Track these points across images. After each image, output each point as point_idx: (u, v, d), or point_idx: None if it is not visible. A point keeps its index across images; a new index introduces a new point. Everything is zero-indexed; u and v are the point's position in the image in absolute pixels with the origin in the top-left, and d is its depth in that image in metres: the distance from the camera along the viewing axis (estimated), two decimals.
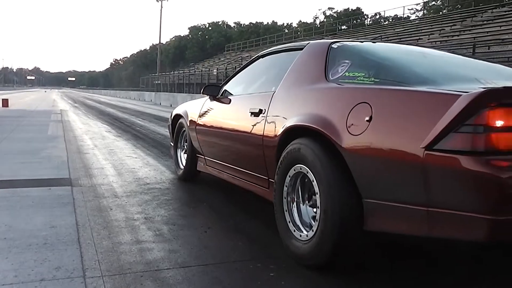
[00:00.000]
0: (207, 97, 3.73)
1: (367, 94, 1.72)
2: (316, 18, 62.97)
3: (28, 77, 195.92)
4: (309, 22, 66.37)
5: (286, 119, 2.18)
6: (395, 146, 1.40)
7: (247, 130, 2.56)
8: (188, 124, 3.91)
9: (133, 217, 3.52)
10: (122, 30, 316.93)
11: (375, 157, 1.48)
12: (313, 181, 1.97)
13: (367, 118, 1.62)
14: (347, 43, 2.44)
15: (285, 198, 2.17)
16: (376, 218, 1.60)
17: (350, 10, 60.67)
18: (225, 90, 3.57)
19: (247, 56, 42.19)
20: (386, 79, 1.77)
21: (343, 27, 51.06)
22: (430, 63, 2.17)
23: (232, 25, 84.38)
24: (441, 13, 40.27)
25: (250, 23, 78.32)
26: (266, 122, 2.35)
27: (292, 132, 2.15)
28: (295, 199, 2.15)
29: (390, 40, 25.55)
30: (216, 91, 3.70)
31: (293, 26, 73.04)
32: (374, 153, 1.50)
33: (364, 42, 2.48)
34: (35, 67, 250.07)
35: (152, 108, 21.20)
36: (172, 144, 4.63)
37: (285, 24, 74.46)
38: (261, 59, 3.24)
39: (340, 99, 1.82)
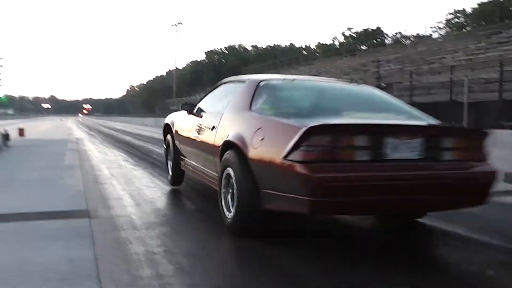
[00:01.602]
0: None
1: (263, 122, 2.81)
2: (335, 39, 63.65)
3: (44, 105, 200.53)
4: (327, 43, 67.13)
5: (226, 134, 3.23)
6: (272, 157, 2.40)
7: (206, 140, 3.68)
8: (174, 131, 5.14)
9: (153, 250, 3.53)
10: (138, 57, 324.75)
11: (264, 163, 2.50)
12: (231, 178, 3.09)
13: (261, 138, 2.67)
14: (269, 82, 3.44)
15: (222, 190, 3.29)
16: (268, 201, 2.62)
17: (369, 30, 60.99)
18: (199, 107, 4.63)
19: None
20: (279, 111, 2.81)
21: (363, 47, 51.17)
22: (318, 98, 3.25)
23: (249, 48, 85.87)
24: (464, 30, 40.12)
25: (268, 46, 79.60)
26: (216, 136, 3.38)
27: (227, 144, 3.23)
28: (227, 191, 3.28)
29: (413, 60, 25.39)
30: (192, 108, 4.82)
31: (311, 47, 73.99)
32: (263, 160, 2.51)
33: (284, 81, 3.51)
34: (51, 95, 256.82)
35: None
36: (165, 146, 5.89)
37: (303, 46, 75.55)
38: (222, 85, 4.35)
39: (251, 124, 2.86)
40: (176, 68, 58.06)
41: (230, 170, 3.30)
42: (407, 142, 2.69)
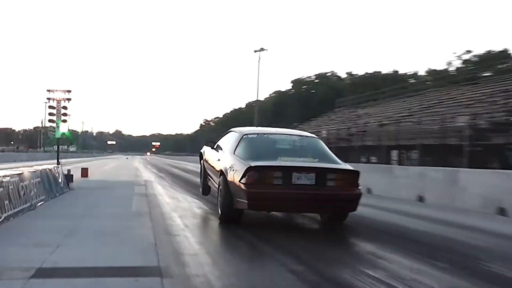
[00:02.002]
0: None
1: (235, 161, 7.72)
2: (449, 64, 61.66)
3: (109, 142, 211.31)
4: (440, 69, 65.00)
5: (222, 166, 8.04)
6: (235, 180, 7.15)
7: (215, 167, 8.52)
8: (204, 158, 10.28)
9: None
10: (214, 88, 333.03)
11: (233, 184, 7.29)
12: (220, 190, 8.18)
13: (233, 170, 7.57)
14: (248, 135, 8.61)
15: (218, 198, 8.20)
16: (236, 203, 7.31)
17: (493, 52, 58.44)
18: (217, 144, 9.54)
19: (365, 114, 42.25)
20: (243, 156, 7.75)
21: (486, 73, 48.82)
22: (270, 147, 8.28)
23: (343, 75, 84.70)
24: None
25: (366, 73, 78.00)
26: (219, 165, 8.23)
27: (220, 172, 8.08)
28: (220, 195, 8.15)
29: None
30: (213, 145, 9.90)
31: (420, 74, 71.88)
32: (233, 182, 7.28)
33: (257, 135, 8.82)
34: (116, 130, 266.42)
35: None
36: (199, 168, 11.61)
37: (409, 73, 73.42)
38: (229, 132, 9.49)
39: (230, 162, 7.69)
40: (258, 99, 58.32)
41: (221, 187, 8.24)
42: (306, 175, 7.22)
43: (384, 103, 46.39)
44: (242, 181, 7.98)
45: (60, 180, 13.29)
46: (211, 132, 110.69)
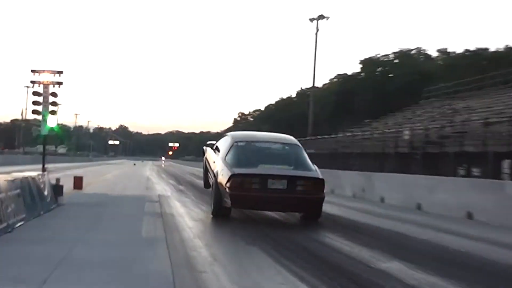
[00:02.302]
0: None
1: (223, 166, 14.58)
2: None
3: (111, 142, 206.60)
4: None
5: (215, 169, 15.02)
6: (222, 183, 13.83)
7: (212, 168, 15.43)
8: (205, 157, 17.72)
9: None
10: (253, 74, 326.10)
11: (221, 186, 13.98)
12: (212, 190, 15.36)
13: (221, 174, 14.43)
14: (238, 143, 15.43)
15: (212, 195, 15.23)
16: (224, 202, 13.87)
17: None
18: (216, 146, 16.64)
19: (465, 108, 41.38)
20: (230, 162, 14.48)
21: None
22: (254, 155, 15.03)
23: (434, 54, 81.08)
24: None
25: (466, 50, 74.38)
26: (215, 168, 15.10)
27: (213, 175, 15.40)
28: (212, 193, 15.20)
29: None
30: (213, 146, 17.08)
31: None
32: (221, 184, 13.95)
33: (246, 142, 15.63)
34: (121, 126, 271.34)
35: None
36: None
37: None
38: (226, 136, 16.97)
39: (220, 167, 14.60)
40: (314, 86, 55.74)
41: (213, 186, 15.07)
42: (279, 181, 13.68)
43: (492, 92, 45.01)
44: (227, 185, 13.86)
45: (46, 193, 13.35)
46: (251, 128, 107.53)
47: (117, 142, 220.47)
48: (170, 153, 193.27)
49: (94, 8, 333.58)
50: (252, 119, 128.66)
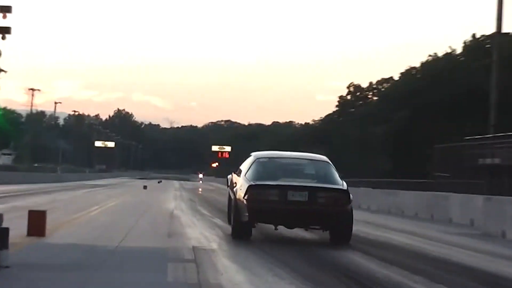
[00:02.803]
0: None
1: (242, 182, 16.86)
2: None
3: (98, 143, 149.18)
4: None
5: (235, 187, 17.55)
6: (240, 197, 16.36)
7: (234, 189, 17.64)
8: (230, 181, 19.39)
9: None
10: (369, 20, 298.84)
11: (239, 201, 16.44)
12: (232, 207, 18.16)
13: (240, 189, 16.72)
14: (260, 159, 17.79)
15: (232, 210, 17.69)
16: (243, 217, 16.17)
17: None
18: (239, 169, 18.46)
19: None
20: (250, 177, 16.57)
21: None
22: (275, 169, 17.26)
23: None
24: None
25: None
26: (235, 187, 17.65)
27: (233, 192, 18.10)
28: (232, 211, 17.80)
29: None
30: (236, 170, 19.14)
31: None
32: (239, 199, 16.50)
33: (269, 159, 18.17)
34: (119, 112, 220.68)
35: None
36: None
37: None
38: (250, 157, 18.68)
39: (240, 184, 17.02)
40: (499, 31, 36.97)
41: (233, 204, 17.28)
42: (299, 192, 15.66)
43: None
44: (245, 197, 15.60)
45: None
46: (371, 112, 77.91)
47: (111, 144, 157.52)
48: (215, 165, 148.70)
49: None
50: (375, 97, 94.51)
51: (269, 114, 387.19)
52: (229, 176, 19.21)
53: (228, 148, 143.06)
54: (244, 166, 17.47)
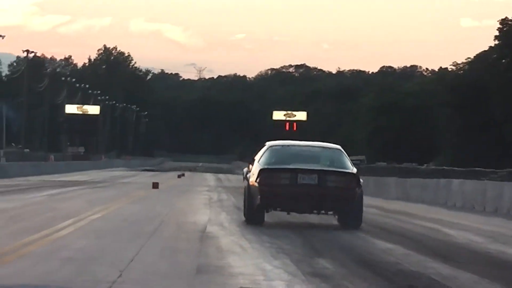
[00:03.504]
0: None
1: (254, 167, 30.07)
2: None
3: (70, 109, 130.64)
4: None
5: (248, 173, 30.41)
6: (252, 182, 28.35)
7: (248, 175, 30.50)
8: (247, 171, 32.32)
9: None
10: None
11: (252, 185, 28.66)
12: (245, 192, 30.18)
13: (250, 174, 28.99)
14: (273, 147, 30.42)
15: (245, 195, 29.61)
16: (255, 201, 28.30)
17: None
18: (253, 158, 31.35)
19: None
20: (262, 162, 28.93)
21: None
22: (287, 156, 29.44)
23: None
24: None
25: None
26: (248, 173, 30.53)
27: (247, 178, 30.86)
28: (245, 197, 29.77)
29: None
30: (251, 160, 32.58)
31: None
32: (251, 185, 28.67)
33: (282, 146, 30.74)
34: (106, 49, 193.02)
35: None
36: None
37: None
38: (264, 146, 31.71)
39: (253, 169, 28.99)
40: None
41: (246, 189, 28.96)
42: (309, 176, 26.72)
43: None
44: (257, 181, 23.03)
45: None
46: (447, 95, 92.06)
47: (93, 110, 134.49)
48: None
49: None
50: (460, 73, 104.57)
51: (373, 55, 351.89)
52: (245, 169, 27.12)
53: (301, 115, 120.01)
54: (258, 155, 25.65)
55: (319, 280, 16.08)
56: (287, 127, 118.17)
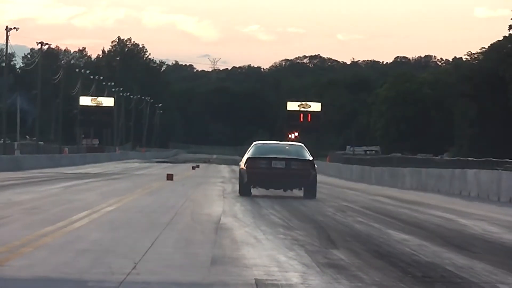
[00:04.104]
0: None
1: (244, 157, 54.05)
2: None
3: (83, 102, 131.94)
4: None
5: (241, 162, 51.90)
6: (242, 166, 48.98)
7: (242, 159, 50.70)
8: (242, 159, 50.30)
9: None
10: None
11: (242, 169, 49.90)
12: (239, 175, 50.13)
13: (242, 162, 51.15)
14: (257, 144, 52.73)
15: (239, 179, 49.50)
16: (244, 181, 49.70)
17: None
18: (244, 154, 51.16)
19: None
20: (249, 154, 50.65)
21: None
22: (266, 150, 52.16)
23: None
24: None
25: None
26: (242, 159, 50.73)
27: (239, 165, 53.11)
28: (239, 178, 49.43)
29: None
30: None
31: None
32: (242, 168, 50.00)
33: (262, 144, 52.85)
34: (120, 41, 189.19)
35: None
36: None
37: None
38: (252, 145, 52.47)
39: (243, 159, 52.84)
40: None
41: (238, 172, 50.83)
42: (280, 161, 47.67)
43: None
44: (245, 165, 38.62)
45: None
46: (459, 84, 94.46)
47: (107, 102, 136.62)
48: (293, 135, 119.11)
49: None
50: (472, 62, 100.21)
51: (387, 45, 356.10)
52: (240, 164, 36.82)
53: (316, 105, 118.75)
54: (248, 150, 35.93)
55: (334, 271, 15.90)
56: (301, 118, 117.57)
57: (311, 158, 36.96)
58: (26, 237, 19.22)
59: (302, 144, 40.82)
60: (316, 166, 38.05)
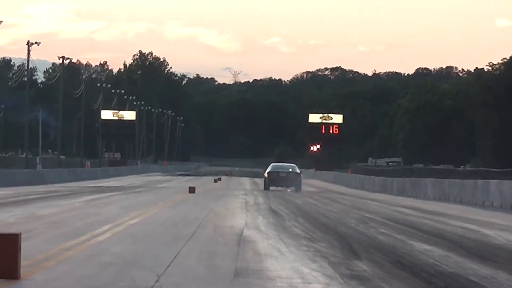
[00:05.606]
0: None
1: (266, 171, 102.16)
2: None
3: (104, 116, 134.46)
4: None
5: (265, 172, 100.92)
6: (265, 175, 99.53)
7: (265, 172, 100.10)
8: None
9: None
10: None
11: (264, 177, 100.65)
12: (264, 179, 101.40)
13: (265, 173, 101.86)
14: (272, 164, 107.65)
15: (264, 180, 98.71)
16: (268, 185, 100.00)
17: None
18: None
19: None
20: (268, 169, 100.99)
21: None
22: (277, 168, 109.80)
23: None
24: None
25: None
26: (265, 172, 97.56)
27: (264, 174, 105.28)
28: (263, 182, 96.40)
29: None
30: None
31: None
32: (265, 176, 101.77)
33: (275, 164, 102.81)
34: (141, 55, 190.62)
35: None
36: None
37: None
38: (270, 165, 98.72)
39: (265, 171, 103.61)
40: None
41: (264, 179, 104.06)
42: (283, 173, 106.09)
43: None
44: (266, 176, 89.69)
45: None
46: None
47: (129, 116, 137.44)
48: (315, 148, 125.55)
49: None
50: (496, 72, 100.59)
51: (408, 57, 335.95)
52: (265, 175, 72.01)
53: (337, 117, 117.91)
54: (267, 168, 74.50)
55: (357, 282, 15.88)
56: (323, 130, 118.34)
57: (299, 171, 68.69)
58: (49, 251, 19.10)
59: (295, 165, 73.01)
60: (301, 175, 68.27)
